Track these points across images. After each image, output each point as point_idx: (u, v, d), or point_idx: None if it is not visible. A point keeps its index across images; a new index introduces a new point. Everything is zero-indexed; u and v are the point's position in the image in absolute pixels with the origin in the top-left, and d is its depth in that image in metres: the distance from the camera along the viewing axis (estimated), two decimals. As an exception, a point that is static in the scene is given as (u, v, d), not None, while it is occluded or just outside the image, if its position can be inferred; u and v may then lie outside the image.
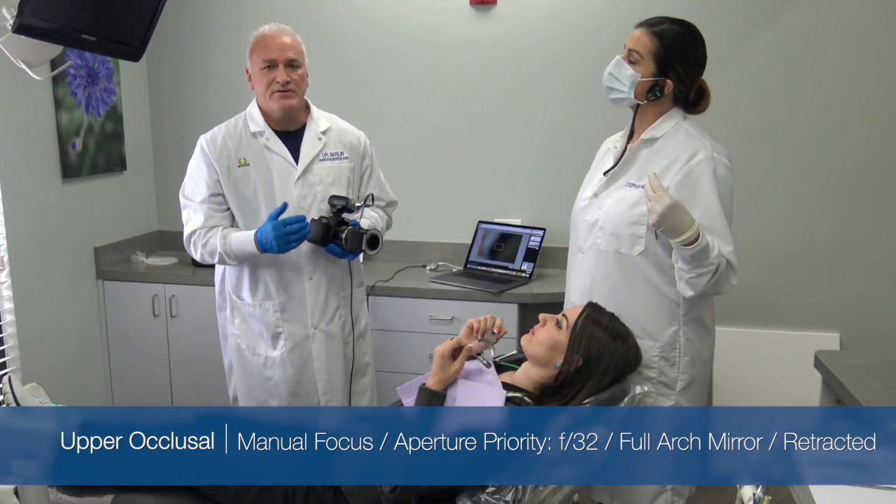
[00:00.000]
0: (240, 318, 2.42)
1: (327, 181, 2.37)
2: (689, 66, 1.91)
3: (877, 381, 2.07)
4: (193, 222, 2.33)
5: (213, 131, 2.38)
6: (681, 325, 1.95)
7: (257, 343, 2.40)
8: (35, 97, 3.06)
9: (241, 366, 2.43)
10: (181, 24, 3.63)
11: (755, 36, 3.12)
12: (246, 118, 2.38)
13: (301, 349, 2.38)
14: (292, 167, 2.34)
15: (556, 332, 1.88)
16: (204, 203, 2.32)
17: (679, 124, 1.95)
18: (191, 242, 2.34)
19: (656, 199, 1.74)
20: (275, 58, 2.24)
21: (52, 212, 3.17)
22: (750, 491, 1.46)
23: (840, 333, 3.19)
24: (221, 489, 1.90)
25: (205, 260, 2.35)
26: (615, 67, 1.94)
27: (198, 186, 2.34)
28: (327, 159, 2.39)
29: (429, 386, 1.79)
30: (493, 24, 3.36)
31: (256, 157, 2.34)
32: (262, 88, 2.27)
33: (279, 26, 2.31)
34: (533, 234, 3.28)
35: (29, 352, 3.04)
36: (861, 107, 3.08)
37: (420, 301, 3.08)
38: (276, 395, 2.39)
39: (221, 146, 2.34)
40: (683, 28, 1.92)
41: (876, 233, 3.14)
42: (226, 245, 2.28)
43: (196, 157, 2.37)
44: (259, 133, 2.34)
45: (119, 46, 1.89)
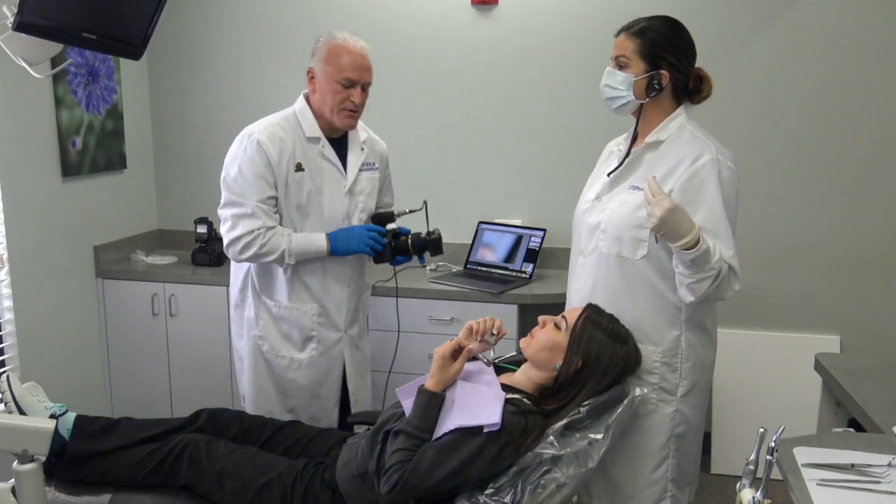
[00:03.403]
0: (266, 319, 2.37)
1: (367, 191, 2.39)
2: (678, 53, 1.90)
3: (876, 383, 2.06)
4: (249, 223, 2.21)
5: (269, 128, 2.26)
6: (683, 330, 1.93)
7: (282, 345, 2.37)
8: (35, 95, 3.06)
9: (258, 366, 2.39)
10: (182, 22, 3.63)
11: (756, 37, 3.12)
12: (298, 120, 2.30)
13: (330, 353, 2.39)
14: (343, 177, 2.33)
15: (556, 334, 1.87)
16: (262, 204, 2.22)
17: (684, 126, 1.93)
18: (242, 241, 2.22)
19: (656, 202, 1.72)
20: (357, 79, 2.21)
21: (51, 210, 3.16)
22: (749, 494, 1.46)
23: (840, 336, 3.19)
24: (218, 489, 1.90)
25: (253, 260, 2.26)
26: (608, 77, 1.93)
27: (253, 186, 2.22)
28: (365, 170, 2.40)
29: (427, 387, 1.79)
30: (494, 24, 3.36)
31: (312, 163, 2.29)
32: (331, 100, 2.22)
33: (358, 41, 2.24)
34: (533, 235, 3.28)
35: (28, 350, 3.04)
36: (864, 108, 3.08)
37: (420, 301, 3.08)
38: (295, 397, 2.39)
39: (281, 147, 2.24)
40: (662, 20, 1.92)
41: (877, 235, 3.14)
42: (290, 244, 2.23)
43: (250, 154, 2.22)
44: (315, 139, 2.29)
45: (120, 45, 1.88)
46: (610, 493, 2.01)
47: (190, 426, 2.07)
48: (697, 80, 1.94)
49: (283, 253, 2.23)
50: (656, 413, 1.95)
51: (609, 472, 1.99)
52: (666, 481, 1.98)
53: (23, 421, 1.81)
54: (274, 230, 2.24)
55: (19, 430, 1.74)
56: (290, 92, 3.68)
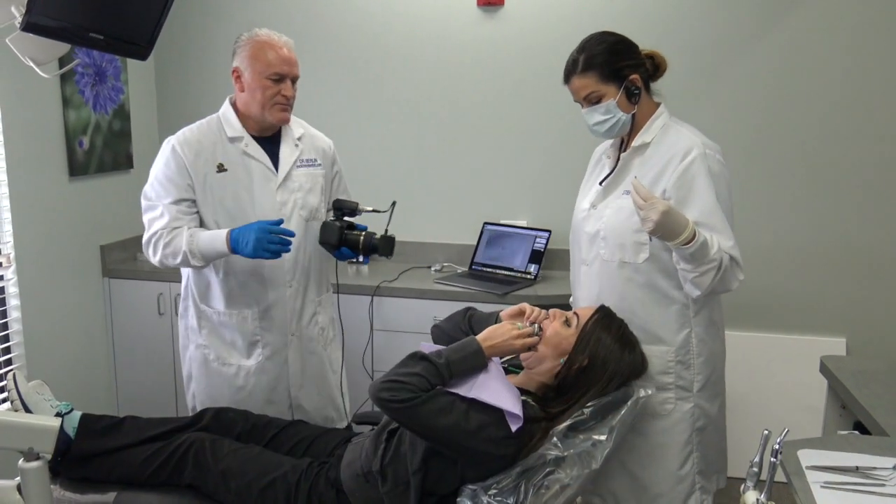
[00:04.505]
0: (208, 328, 2.32)
1: (305, 188, 2.33)
2: (627, 53, 1.93)
3: (882, 386, 2.06)
4: (157, 223, 2.20)
5: (185, 133, 2.27)
6: (692, 326, 1.95)
7: (228, 353, 2.31)
8: (43, 95, 3.08)
9: (206, 376, 2.34)
10: (189, 22, 3.64)
11: (761, 37, 3.11)
12: (220, 122, 2.29)
13: (278, 356, 2.33)
14: (272, 174, 2.28)
15: (564, 330, 1.87)
16: (172, 205, 2.20)
17: (667, 125, 1.96)
18: (150, 244, 2.21)
19: (649, 206, 1.73)
20: (285, 73, 2.20)
21: (58, 209, 3.18)
22: (753, 497, 1.46)
23: (846, 338, 3.18)
24: (223, 488, 1.90)
25: (164, 263, 2.22)
26: (591, 116, 1.96)
27: (165, 189, 2.22)
28: (303, 166, 2.35)
29: (483, 346, 1.78)
30: (500, 25, 3.36)
31: (235, 162, 2.25)
32: (261, 96, 2.20)
33: (281, 36, 2.23)
34: (538, 236, 3.28)
35: (34, 349, 3.05)
36: (870, 109, 3.07)
37: (424, 302, 3.08)
38: (248, 405, 2.28)
39: (198, 150, 2.23)
40: (594, 41, 1.95)
41: (883, 237, 3.12)
42: (192, 242, 2.15)
43: (165, 159, 2.24)
44: (237, 138, 2.26)
45: (127, 45, 1.90)
46: (637, 494, 2.01)
47: (195, 425, 2.08)
48: (651, 61, 1.98)
49: (185, 254, 2.16)
50: (675, 411, 1.96)
51: (635, 474, 1.99)
52: (693, 475, 1.99)
53: (29, 419, 1.82)
54: (178, 230, 2.19)
55: (25, 427, 1.75)
56: (297, 92, 3.68)
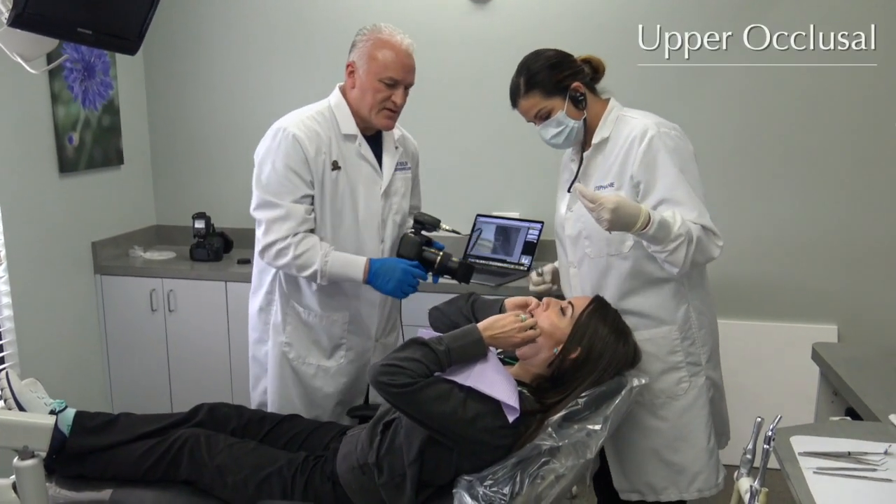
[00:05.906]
0: (293, 326, 2.26)
1: (401, 192, 2.27)
2: (564, 66, 1.98)
3: (873, 372, 2.07)
4: (284, 227, 2.08)
5: (304, 121, 2.12)
6: (689, 300, 2.00)
7: (309, 352, 2.27)
8: (31, 91, 3.05)
9: (282, 372, 2.28)
10: (178, 17, 3.61)
11: (752, 30, 3.11)
12: (334, 114, 2.16)
13: (359, 361, 2.31)
14: (379, 177, 2.21)
15: (559, 319, 1.88)
16: (295, 205, 2.09)
17: (621, 117, 1.99)
18: (275, 250, 2.09)
19: (598, 207, 1.75)
20: (401, 79, 2.10)
21: (49, 206, 3.16)
22: (747, 483, 1.47)
23: (838, 325, 3.20)
24: (219, 483, 1.90)
25: (285, 271, 2.15)
26: (545, 131, 2.01)
27: (289, 183, 2.08)
28: (399, 169, 2.28)
29: (483, 336, 1.78)
30: (490, 16, 3.35)
31: (349, 162, 2.16)
32: (371, 99, 2.10)
33: (404, 38, 2.12)
34: (531, 228, 3.28)
35: (27, 347, 3.04)
36: (857, 100, 3.08)
37: (419, 294, 3.05)
38: (320, 406, 2.28)
39: (318, 144, 2.11)
40: (531, 59, 1.99)
41: (873, 225, 3.14)
42: (325, 263, 2.08)
43: (286, 150, 2.08)
44: (351, 136, 2.16)
45: (115, 40, 1.88)
46: (675, 480, 2.03)
47: (189, 421, 2.07)
48: (588, 65, 2.02)
49: (316, 273, 2.09)
50: (691, 388, 2.01)
51: (669, 460, 2.02)
52: (715, 445, 2.07)
53: (23, 417, 1.81)
54: (310, 239, 2.10)
55: (19, 426, 1.74)
56: (287, 87, 3.67)
